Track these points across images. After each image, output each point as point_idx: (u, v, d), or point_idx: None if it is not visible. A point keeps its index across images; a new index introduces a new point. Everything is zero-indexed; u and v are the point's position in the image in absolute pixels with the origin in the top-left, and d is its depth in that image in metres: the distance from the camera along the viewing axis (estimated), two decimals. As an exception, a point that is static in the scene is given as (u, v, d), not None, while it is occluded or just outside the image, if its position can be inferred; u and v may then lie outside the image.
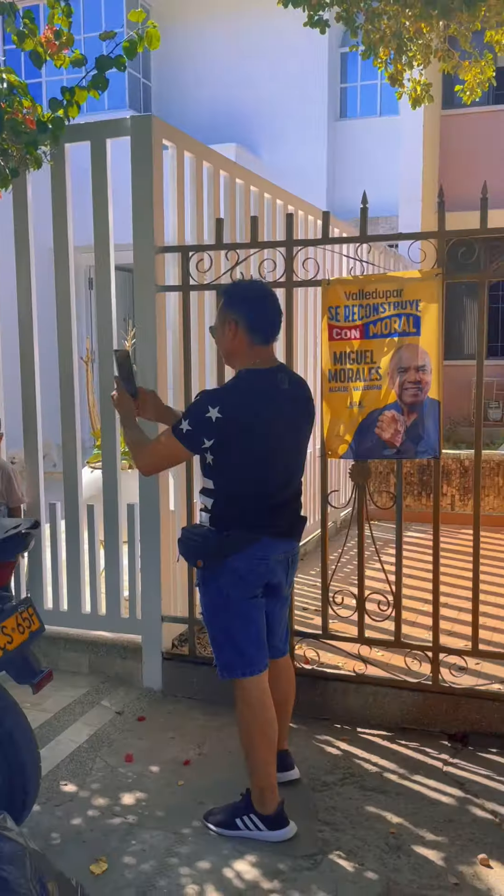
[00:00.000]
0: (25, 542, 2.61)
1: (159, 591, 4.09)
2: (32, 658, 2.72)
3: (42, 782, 3.29)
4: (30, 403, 4.36)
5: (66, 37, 4.31)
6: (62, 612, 4.42)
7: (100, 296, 4.14)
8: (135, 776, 3.39)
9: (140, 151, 3.94)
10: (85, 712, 3.93)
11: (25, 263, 4.31)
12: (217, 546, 2.86)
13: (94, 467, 4.83)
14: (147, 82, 13.36)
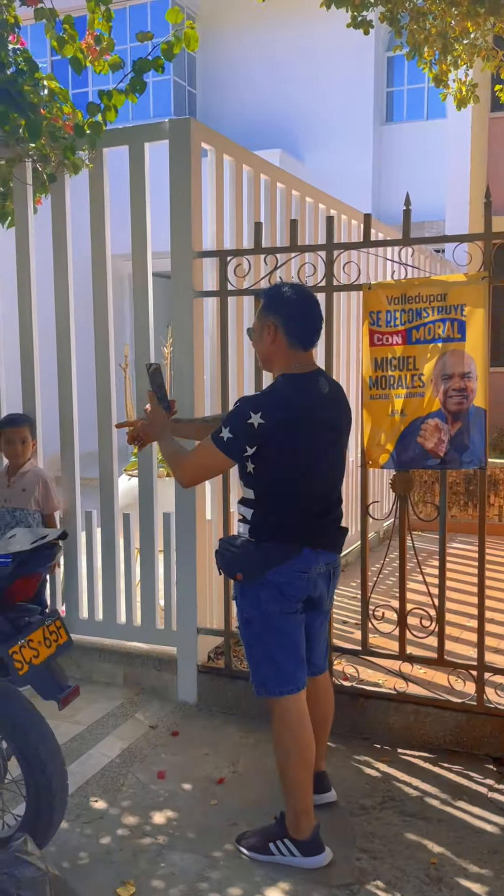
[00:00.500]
0: (52, 553, 2.55)
1: (195, 602, 4.01)
2: (59, 673, 2.64)
3: (72, 798, 3.23)
4: (67, 411, 4.32)
5: (106, 42, 4.28)
6: (97, 622, 4.36)
7: (137, 302, 4.08)
8: (167, 794, 3.30)
9: (178, 155, 3.88)
10: (118, 725, 3.86)
11: (63, 270, 4.27)
12: (256, 558, 2.76)
13: (132, 475, 4.77)
14: (192, 90, 13.38)
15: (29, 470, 4.15)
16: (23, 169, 4.20)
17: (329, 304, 3.64)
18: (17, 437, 4.11)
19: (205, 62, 13.36)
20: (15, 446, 4.11)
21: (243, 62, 12.97)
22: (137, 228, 4.06)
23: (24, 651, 2.49)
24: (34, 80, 4.07)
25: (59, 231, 4.26)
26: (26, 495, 4.11)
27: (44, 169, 4.14)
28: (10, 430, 4.12)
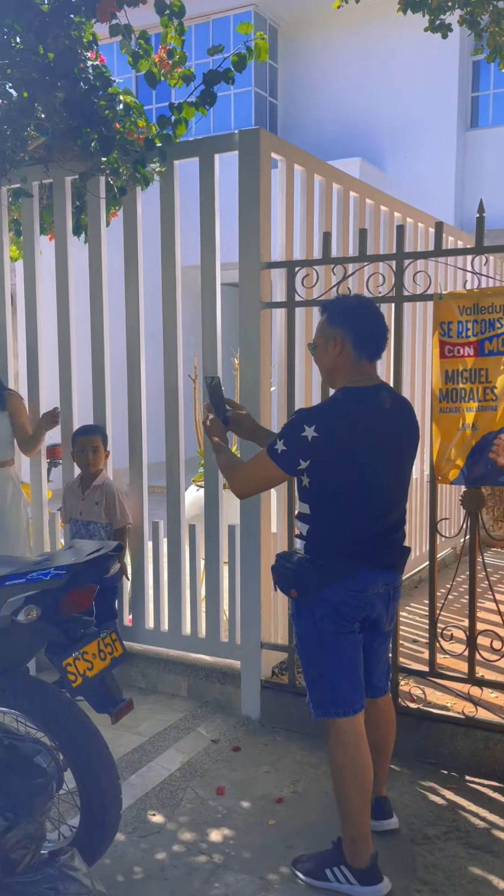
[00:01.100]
0: (107, 566, 2.54)
1: (259, 617, 3.96)
2: (113, 686, 2.64)
3: (130, 810, 3.23)
4: (136, 421, 4.35)
5: (178, 55, 4.31)
6: (163, 633, 4.36)
7: (205, 313, 4.08)
8: (225, 811, 3.25)
9: (247, 165, 3.86)
10: (180, 738, 3.84)
11: (134, 282, 4.31)
12: (311, 576, 2.70)
13: (200, 485, 4.76)
14: (273, 100, 13.42)
15: (101, 483, 4.19)
16: (96, 183, 4.26)
17: (398, 314, 3.55)
18: (88, 445, 4.16)
19: (286, 73, 13.37)
20: (87, 455, 4.16)
21: (325, 72, 12.93)
22: (206, 239, 4.06)
23: (77, 663, 2.50)
24: (109, 95, 4.14)
25: (130, 243, 4.30)
26: (98, 508, 4.16)
27: (115, 182, 4.19)
28: (83, 439, 4.17)
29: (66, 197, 4.43)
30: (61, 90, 3.75)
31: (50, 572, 2.41)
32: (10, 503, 4.28)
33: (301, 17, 12.85)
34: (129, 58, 4.15)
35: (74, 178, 4.33)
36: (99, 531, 4.16)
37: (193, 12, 10.99)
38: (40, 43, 3.56)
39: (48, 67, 3.62)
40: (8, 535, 4.26)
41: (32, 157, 4.13)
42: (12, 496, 4.30)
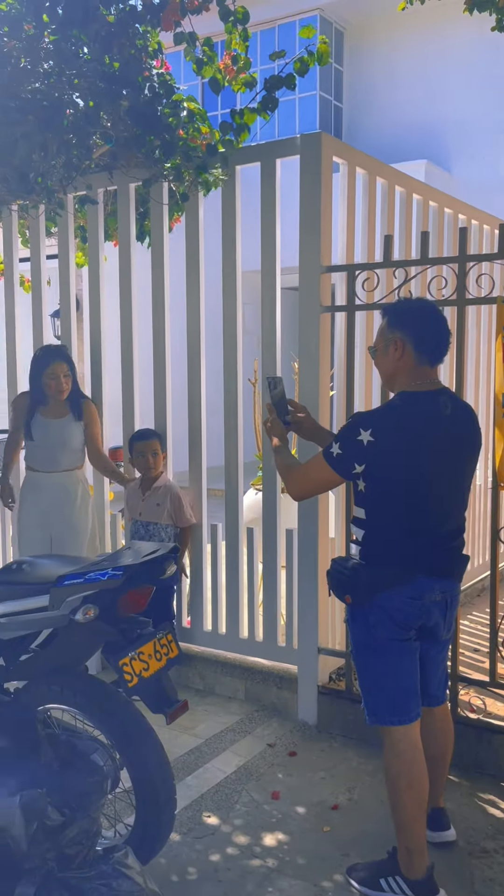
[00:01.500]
0: (163, 568, 2.57)
1: (316, 622, 3.94)
2: (169, 687, 2.65)
3: (186, 811, 3.25)
4: (196, 425, 4.38)
5: (243, 61, 4.34)
6: (220, 636, 4.38)
7: (265, 317, 4.08)
8: (280, 816, 3.25)
9: (309, 169, 3.86)
10: (236, 741, 3.85)
11: (196, 286, 4.34)
12: (366, 582, 2.67)
13: (258, 489, 4.77)
14: (339, 104, 13.38)
15: (162, 485, 4.24)
16: (159, 189, 4.32)
17: (460, 318, 3.50)
18: (148, 449, 4.21)
19: (352, 76, 13.32)
20: (146, 458, 4.21)
21: (391, 74, 12.84)
22: (267, 243, 4.07)
23: (134, 663, 2.52)
24: (172, 102, 4.19)
25: (192, 248, 4.34)
26: (160, 509, 4.21)
27: (178, 188, 4.24)
28: (141, 444, 4.23)
29: (129, 203, 4.50)
30: (126, 98, 3.81)
31: (107, 572, 2.44)
32: (79, 505, 4.37)
33: (366, 20, 12.78)
34: (194, 65, 4.19)
35: (138, 185, 4.40)
36: (160, 532, 4.21)
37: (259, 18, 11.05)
38: (106, 53, 3.62)
39: (113, 76, 3.68)
40: (77, 535, 4.35)
41: (97, 164, 4.21)
42: (82, 498, 4.39)
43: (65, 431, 4.33)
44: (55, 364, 4.27)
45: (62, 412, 4.35)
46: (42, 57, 3.68)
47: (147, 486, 4.27)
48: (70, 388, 4.33)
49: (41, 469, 4.34)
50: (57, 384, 4.26)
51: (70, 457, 4.37)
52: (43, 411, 4.33)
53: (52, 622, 2.55)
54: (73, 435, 4.36)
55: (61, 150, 3.55)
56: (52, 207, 4.19)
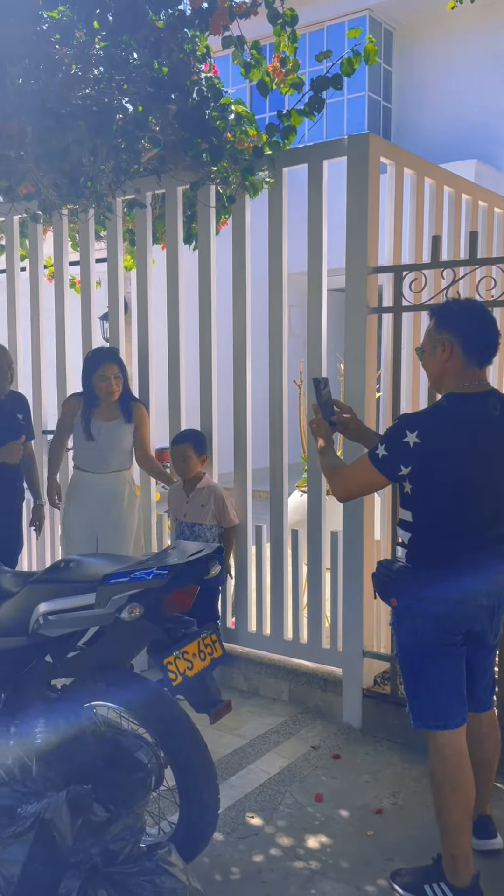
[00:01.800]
0: (208, 568, 2.58)
1: (361, 625, 3.92)
2: (213, 686, 2.67)
3: (229, 811, 3.26)
4: (241, 426, 4.40)
5: (291, 63, 4.34)
6: (265, 637, 4.39)
7: (311, 318, 4.08)
8: (323, 818, 3.24)
9: (356, 170, 3.85)
10: (280, 742, 3.85)
11: (242, 288, 4.36)
12: (412, 585, 2.65)
13: (303, 491, 4.77)
14: (387, 104, 13.29)
15: (205, 486, 4.27)
16: (206, 192, 4.34)
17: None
18: (178, 455, 4.26)
19: (401, 76, 13.22)
20: (178, 463, 4.27)
21: (440, 74, 12.71)
22: (314, 244, 4.06)
23: (178, 662, 2.55)
24: (220, 105, 4.21)
25: (238, 250, 4.35)
26: (204, 510, 4.23)
27: (225, 191, 4.26)
28: (174, 449, 4.29)
29: (177, 206, 4.53)
30: (174, 103, 3.84)
31: (152, 572, 2.47)
32: (126, 505, 4.42)
33: (416, 20, 12.68)
34: (242, 68, 4.21)
35: (185, 188, 4.43)
36: (204, 532, 4.23)
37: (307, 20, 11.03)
38: (155, 58, 3.66)
39: (162, 81, 3.72)
40: (123, 535, 4.40)
41: (146, 168, 4.25)
42: (129, 499, 4.45)
43: (116, 434, 4.38)
44: (106, 366, 4.32)
45: (114, 415, 4.40)
46: (93, 63, 3.73)
47: (190, 487, 4.29)
48: (121, 390, 4.37)
49: (90, 470, 4.40)
50: (108, 386, 4.31)
51: (119, 458, 4.42)
52: (96, 413, 4.39)
53: (98, 620, 2.59)
54: (124, 437, 4.41)
55: (111, 154, 3.60)
56: (101, 211, 4.25)
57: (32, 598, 2.76)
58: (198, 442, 4.30)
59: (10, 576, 3.11)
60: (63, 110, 3.24)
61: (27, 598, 2.80)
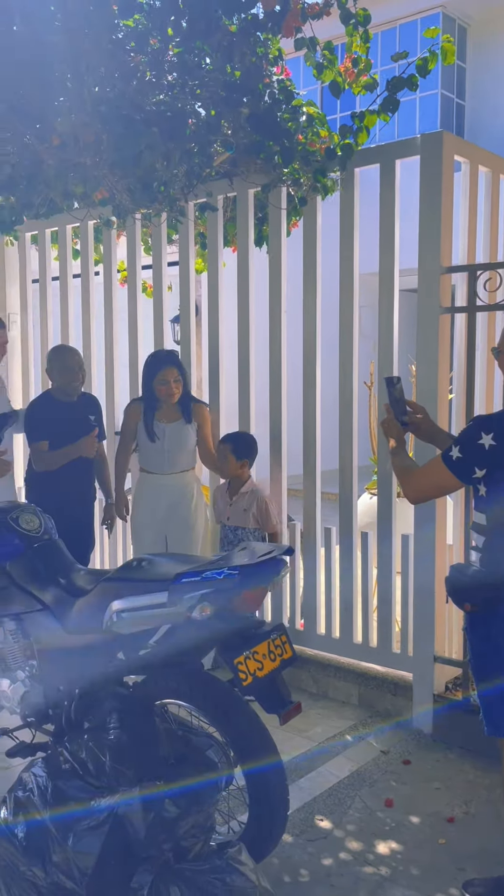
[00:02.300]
0: (277, 569, 2.59)
1: (433, 630, 3.87)
2: (283, 687, 2.67)
3: (298, 813, 3.26)
4: (310, 428, 4.39)
5: (364, 63, 4.32)
6: (334, 640, 4.37)
7: (382, 319, 4.04)
8: (393, 824, 3.20)
9: (429, 169, 3.80)
10: (349, 746, 3.83)
11: (312, 291, 4.35)
12: (486, 590, 2.60)
13: (373, 493, 4.73)
14: (461, 102, 13.09)
15: (248, 490, 4.30)
16: (278, 194, 4.35)
17: None
18: (220, 453, 4.31)
19: (475, 73, 13.00)
20: (220, 462, 4.33)
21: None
22: (386, 244, 4.03)
23: (248, 662, 2.55)
24: (292, 108, 4.22)
25: (309, 252, 4.35)
26: (246, 514, 4.26)
27: (296, 193, 4.26)
28: (218, 447, 4.38)
29: (248, 209, 4.55)
30: (246, 106, 3.86)
31: (223, 571, 2.49)
32: (195, 505, 4.47)
33: (490, 15, 12.45)
34: (314, 69, 4.21)
35: (257, 191, 4.45)
36: (247, 537, 4.25)
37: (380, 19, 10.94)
38: (228, 62, 3.69)
39: (234, 85, 3.74)
40: (192, 534, 4.44)
41: (218, 171, 4.29)
42: (196, 498, 4.49)
43: (178, 434, 4.43)
44: (166, 370, 4.36)
45: (175, 415, 4.45)
46: (166, 70, 3.78)
47: (234, 490, 4.31)
48: (181, 392, 4.42)
49: (155, 471, 4.45)
50: (167, 389, 4.35)
51: (183, 458, 4.47)
52: (158, 415, 4.44)
53: (169, 619, 2.62)
54: (187, 437, 4.46)
55: (183, 159, 3.64)
56: (173, 215, 4.30)
57: (106, 595, 2.82)
58: (239, 445, 4.30)
59: (83, 573, 3.18)
60: (137, 117, 3.29)
61: (101, 596, 2.85)
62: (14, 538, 3.25)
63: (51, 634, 3.04)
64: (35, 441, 4.35)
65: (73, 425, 4.33)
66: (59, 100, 3.16)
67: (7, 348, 4.49)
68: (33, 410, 4.47)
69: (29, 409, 4.54)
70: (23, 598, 3.15)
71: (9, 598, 3.19)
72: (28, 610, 3.13)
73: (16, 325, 5.87)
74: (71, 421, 4.36)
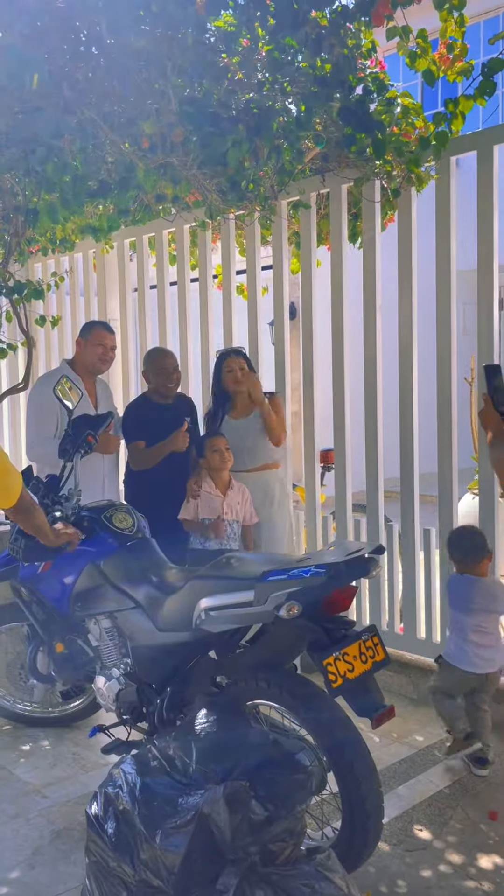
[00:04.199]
0: (367, 568, 2.50)
1: (539, 635, 3.68)
2: (375, 690, 2.59)
3: (396, 821, 3.16)
4: (407, 427, 4.26)
5: (459, 48, 4.18)
6: (434, 644, 4.22)
7: (481, 310, 3.89)
8: (498, 838, 3.06)
9: (530, 153, 3.64)
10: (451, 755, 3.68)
11: (408, 286, 4.23)
12: None
13: (475, 493, 4.55)
14: None
15: (236, 485, 4.26)
16: (371, 188, 4.26)
17: None
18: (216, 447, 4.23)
19: None
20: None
21: None
22: (484, 234, 3.88)
23: (338, 663, 2.49)
24: (386, 99, 4.13)
25: (404, 246, 4.24)
26: (238, 508, 4.23)
27: (390, 185, 4.16)
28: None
29: (341, 205, 4.48)
30: (337, 100, 3.80)
31: (310, 569, 2.43)
32: (277, 504, 4.42)
33: None
34: (407, 59, 4.10)
35: (350, 186, 4.37)
36: (234, 527, 4.25)
37: (479, 9, 10.66)
38: (316, 55, 3.63)
39: (325, 79, 3.69)
40: (275, 531, 4.39)
41: (310, 168, 4.24)
42: (279, 497, 4.44)
43: (244, 429, 4.40)
44: (230, 359, 4.40)
45: (247, 411, 4.43)
46: (257, 68, 3.77)
47: (227, 484, 4.27)
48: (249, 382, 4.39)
49: (236, 469, 4.41)
50: (233, 376, 4.37)
51: (256, 454, 4.41)
52: (233, 413, 4.43)
53: (257, 618, 2.59)
54: (251, 431, 4.40)
55: (272, 155, 3.61)
56: (265, 214, 4.27)
57: (195, 593, 2.81)
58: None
59: (175, 571, 3.19)
60: (224, 115, 3.28)
61: (190, 594, 2.85)
62: (108, 537, 3.29)
63: (143, 632, 3.07)
64: (132, 441, 4.41)
65: (169, 426, 4.35)
66: (147, 102, 3.19)
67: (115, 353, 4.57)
68: (130, 412, 4.55)
69: (126, 411, 4.62)
70: (117, 596, 3.19)
71: (103, 597, 3.24)
72: (122, 608, 3.16)
73: (116, 331, 5.98)
74: (167, 422, 4.39)
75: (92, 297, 6.22)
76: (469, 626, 3.45)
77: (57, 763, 3.69)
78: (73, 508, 3.43)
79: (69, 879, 2.84)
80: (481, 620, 3.45)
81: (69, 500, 3.45)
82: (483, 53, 11.20)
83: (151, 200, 4.05)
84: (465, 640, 3.46)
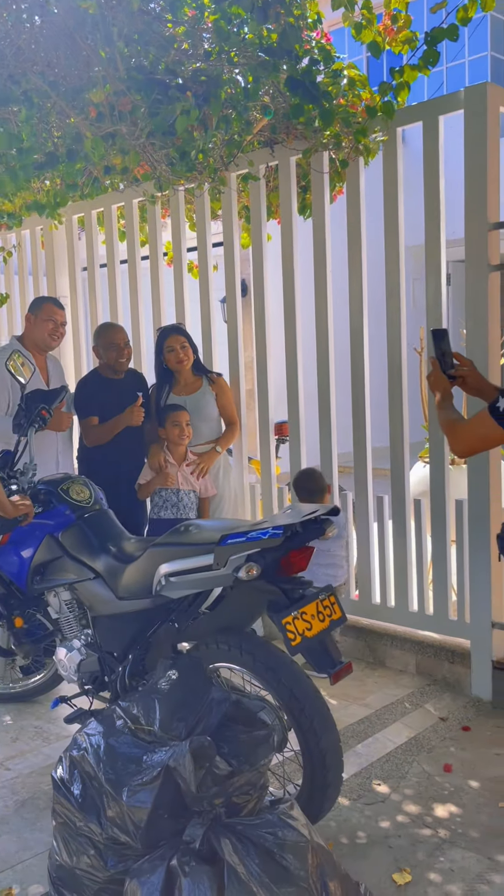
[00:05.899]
0: (323, 528, 2.56)
1: (489, 596, 3.80)
2: (333, 648, 2.65)
3: (355, 778, 3.24)
4: (359, 401, 4.32)
5: (403, 19, 4.21)
6: (389, 609, 4.32)
7: (429, 281, 3.96)
8: (452, 788, 3.16)
9: (474, 123, 3.71)
10: (407, 713, 3.79)
11: (357, 259, 4.28)
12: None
13: (426, 461, 4.65)
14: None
15: (191, 458, 4.36)
16: (319, 159, 4.29)
17: None
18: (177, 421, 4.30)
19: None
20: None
21: None
22: (430, 207, 3.94)
23: (297, 622, 2.54)
24: (333, 71, 4.14)
25: (353, 219, 4.27)
26: (193, 478, 4.31)
27: (338, 156, 4.19)
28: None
29: (290, 177, 4.49)
30: (285, 71, 3.81)
31: (268, 531, 2.48)
32: (222, 476, 4.53)
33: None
34: (353, 30, 4.12)
35: (299, 157, 4.39)
36: (189, 496, 4.38)
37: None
38: (262, 23, 3.63)
39: (271, 49, 3.70)
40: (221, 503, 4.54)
41: (258, 140, 4.24)
42: (223, 468, 4.55)
43: (197, 405, 4.45)
44: (171, 337, 4.43)
45: (193, 387, 4.49)
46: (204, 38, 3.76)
47: (182, 457, 4.36)
48: (190, 360, 4.45)
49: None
50: (175, 356, 4.41)
51: (206, 429, 4.49)
52: (176, 390, 4.47)
53: (217, 581, 2.63)
54: (207, 407, 4.48)
55: (220, 124, 3.61)
56: (214, 186, 4.27)
57: (154, 561, 2.84)
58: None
59: (133, 541, 3.21)
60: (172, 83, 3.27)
61: (149, 562, 2.88)
62: (65, 509, 3.30)
63: (104, 602, 3.09)
64: (84, 417, 4.40)
65: (121, 401, 4.35)
66: (95, 69, 3.16)
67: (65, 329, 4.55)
68: (82, 388, 4.53)
69: (78, 387, 4.60)
70: (76, 567, 3.20)
71: (62, 568, 3.25)
72: (81, 579, 3.18)
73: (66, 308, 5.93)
74: (119, 396, 4.38)
75: (41, 275, 6.15)
76: (319, 551, 3.70)
77: (19, 737, 3.70)
78: (29, 483, 3.42)
79: (36, 845, 2.87)
80: (331, 545, 4.03)
81: (24, 474, 3.44)
82: (427, 25, 11.28)
83: (100, 173, 4.02)
84: (317, 564, 3.67)
